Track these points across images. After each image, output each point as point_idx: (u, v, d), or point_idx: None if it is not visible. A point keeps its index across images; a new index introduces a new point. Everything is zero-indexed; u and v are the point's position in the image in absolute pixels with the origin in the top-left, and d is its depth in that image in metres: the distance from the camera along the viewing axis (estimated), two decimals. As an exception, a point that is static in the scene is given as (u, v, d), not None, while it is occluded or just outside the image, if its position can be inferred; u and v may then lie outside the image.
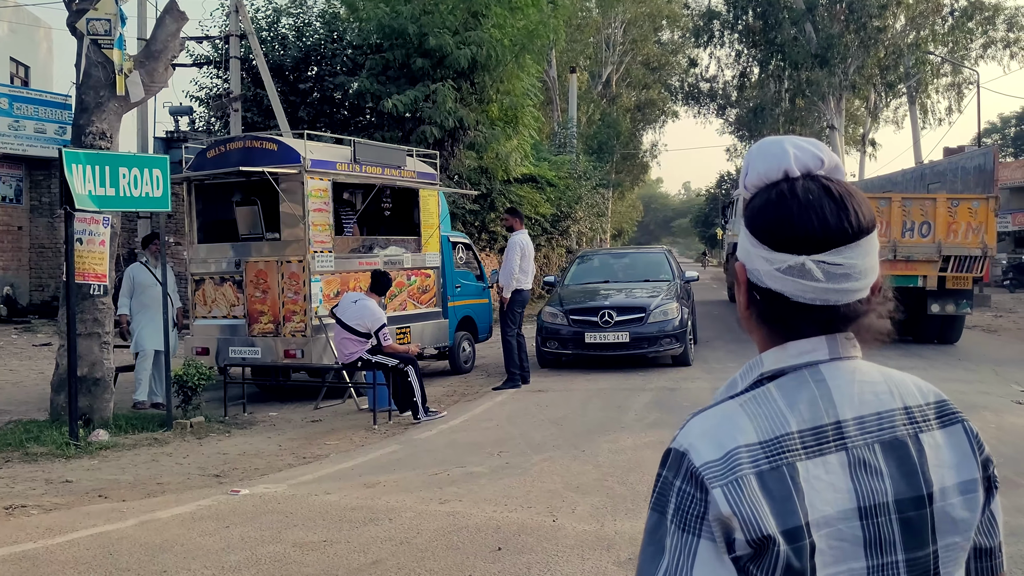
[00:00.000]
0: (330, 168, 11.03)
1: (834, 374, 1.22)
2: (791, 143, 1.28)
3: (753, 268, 1.26)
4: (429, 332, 12.65)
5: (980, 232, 14.17)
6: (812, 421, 1.19)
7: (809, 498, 1.14)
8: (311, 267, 10.56)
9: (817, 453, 1.17)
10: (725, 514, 1.13)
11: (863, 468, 1.18)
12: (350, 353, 9.47)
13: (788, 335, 1.24)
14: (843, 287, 1.21)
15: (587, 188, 31.84)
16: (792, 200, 1.23)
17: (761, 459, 1.16)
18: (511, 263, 11.40)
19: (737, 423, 1.19)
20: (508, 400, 10.41)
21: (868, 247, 1.23)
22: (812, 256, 1.20)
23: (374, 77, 19.98)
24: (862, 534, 1.16)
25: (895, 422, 1.21)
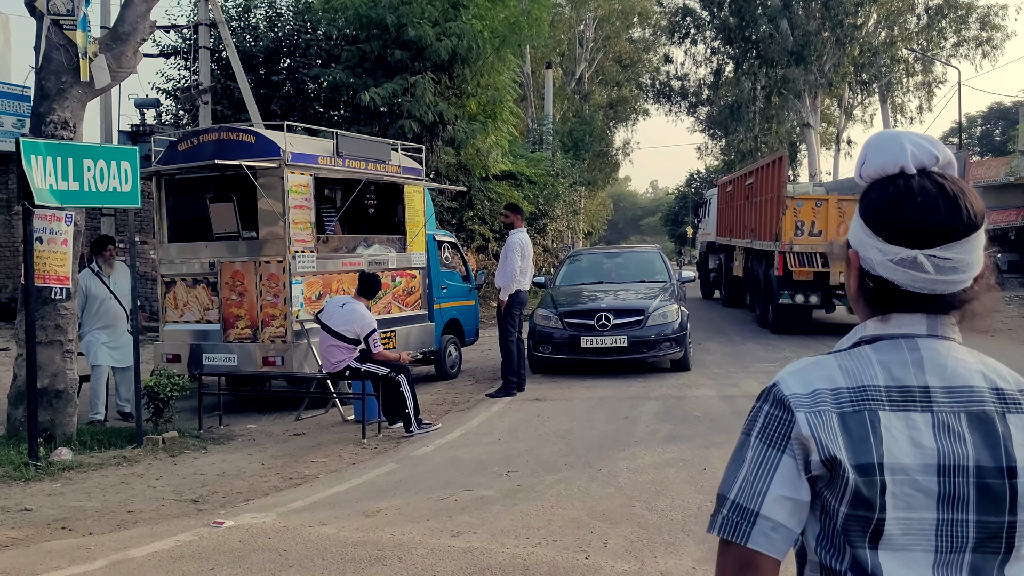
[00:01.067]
0: (311, 162, 10.29)
1: (929, 346, 1.36)
2: (908, 139, 1.39)
3: (866, 256, 1.40)
4: (415, 336, 11.96)
5: None
6: (900, 380, 1.34)
7: (887, 444, 1.30)
8: (291, 268, 9.83)
9: (901, 408, 1.33)
10: (805, 435, 1.32)
11: (946, 431, 1.32)
12: (337, 361, 8.76)
13: (888, 310, 1.39)
14: (951, 279, 1.35)
15: (564, 186, 31.24)
16: (908, 197, 1.36)
17: (845, 402, 1.33)
18: (511, 263, 10.73)
19: (828, 370, 1.37)
20: (505, 410, 9.75)
21: (976, 242, 1.36)
22: (924, 250, 1.34)
23: (350, 69, 19.21)
24: (937, 488, 1.30)
25: (984, 398, 1.34)
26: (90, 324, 9.44)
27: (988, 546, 1.32)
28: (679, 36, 46.21)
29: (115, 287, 9.49)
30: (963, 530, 1.31)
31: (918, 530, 1.31)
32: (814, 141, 42.14)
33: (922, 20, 42.63)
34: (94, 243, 10.08)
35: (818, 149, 42.91)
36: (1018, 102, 58.01)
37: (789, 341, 14.91)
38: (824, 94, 42.79)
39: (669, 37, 48.14)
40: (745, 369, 11.99)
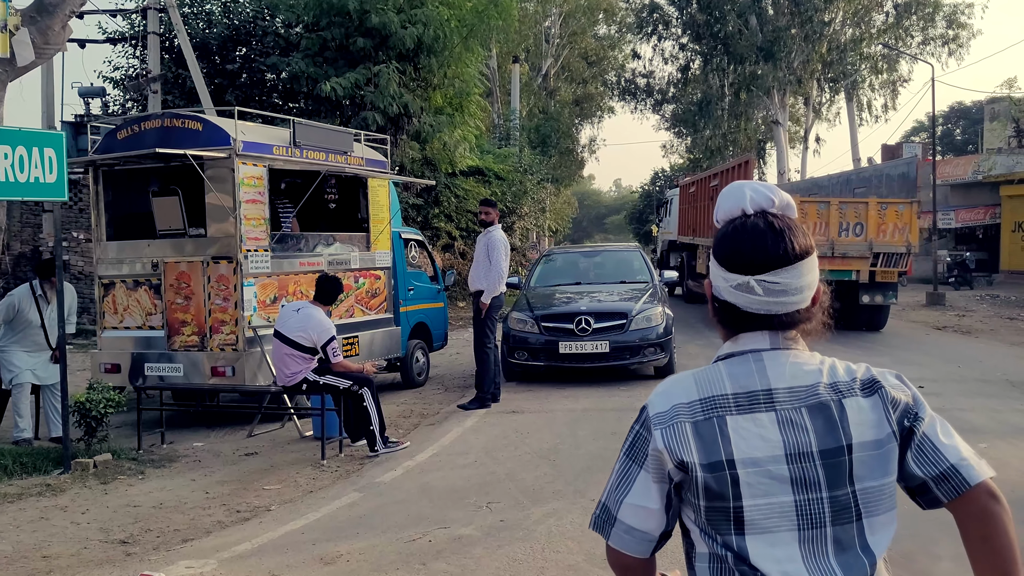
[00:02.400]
0: (265, 152, 9.35)
1: (772, 357, 1.63)
2: (750, 187, 1.69)
3: (715, 284, 1.70)
4: (379, 341, 11.06)
5: (905, 232, 15.95)
6: (746, 387, 1.61)
7: (735, 443, 1.56)
8: (243, 268, 8.89)
9: (748, 411, 1.59)
10: (660, 448, 1.59)
11: (790, 424, 1.58)
12: (292, 373, 7.84)
13: (739, 331, 1.67)
14: (780, 300, 1.63)
15: (532, 183, 30.43)
16: (742, 232, 1.65)
17: (698, 412, 1.60)
18: (500, 263, 9.86)
19: (686, 386, 1.64)
20: (480, 424, 8.88)
21: (804, 270, 1.63)
22: (755, 276, 1.62)
23: (310, 58, 18.25)
24: (789, 474, 1.55)
25: (820, 392, 1.60)
26: (9, 339, 8.42)
27: (842, 517, 1.55)
28: (647, 32, 45.61)
29: (49, 319, 8.37)
30: (819, 507, 1.55)
31: (779, 513, 1.55)
32: (783, 139, 41.75)
33: (890, 17, 42.38)
34: (40, 266, 8.96)
35: (787, 147, 42.53)
36: (980, 101, 58.32)
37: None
38: (792, 92, 42.40)
39: (636, 33, 47.56)
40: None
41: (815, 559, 1.54)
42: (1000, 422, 8.36)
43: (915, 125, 72.75)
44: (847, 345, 14.64)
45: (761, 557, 1.53)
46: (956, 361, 12.93)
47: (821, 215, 15.83)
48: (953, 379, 11.07)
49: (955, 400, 9.52)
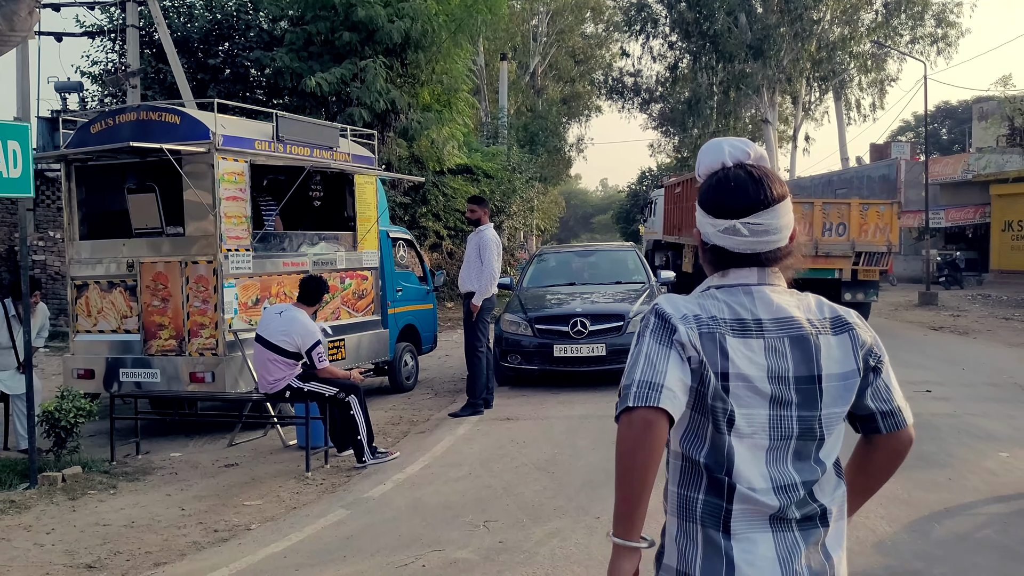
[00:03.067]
0: (247, 147, 8.91)
1: (759, 291, 1.88)
2: (727, 142, 1.94)
3: (704, 231, 1.93)
4: (367, 344, 10.63)
5: (886, 232, 16.47)
6: (739, 315, 1.84)
7: (732, 358, 1.80)
8: (223, 269, 8.45)
9: (741, 335, 1.82)
10: (683, 340, 1.78)
11: (774, 351, 1.82)
12: (275, 380, 7.39)
13: (727, 267, 1.91)
14: (764, 239, 1.87)
15: (521, 181, 30.01)
16: (725, 182, 1.90)
17: (703, 325, 1.81)
18: (491, 264, 9.43)
19: (689, 303, 1.86)
20: (473, 432, 8.46)
21: (781, 211, 1.89)
22: (740, 219, 1.86)
23: (294, 53, 17.79)
24: (769, 391, 1.81)
25: (801, 326, 1.85)
26: None
27: (806, 435, 1.83)
28: (635, 30, 45.28)
29: (21, 341, 7.82)
30: (789, 423, 1.82)
31: (757, 423, 1.81)
32: (772, 137, 41.48)
33: (879, 16, 42.18)
34: (13, 287, 8.45)
35: (776, 146, 42.30)
36: (966, 101, 58.29)
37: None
38: (782, 91, 42.17)
39: (624, 32, 47.27)
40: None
41: (776, 464, 1.81)
42: (1018, 428, 8.01)
43: (901, 125, 72.88)
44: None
45: (736, 457, 1.79)
46: (959, 363, 12.61)
47: (805, 215, 16.08)
48: (961, 383, 10.73)
49: (966, 405, 9.16)
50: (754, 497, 1.78)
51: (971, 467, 6.82)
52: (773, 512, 1.78)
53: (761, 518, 1.79)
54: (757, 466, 1.80)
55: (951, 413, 8.80)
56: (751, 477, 1.79)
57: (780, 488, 1.79)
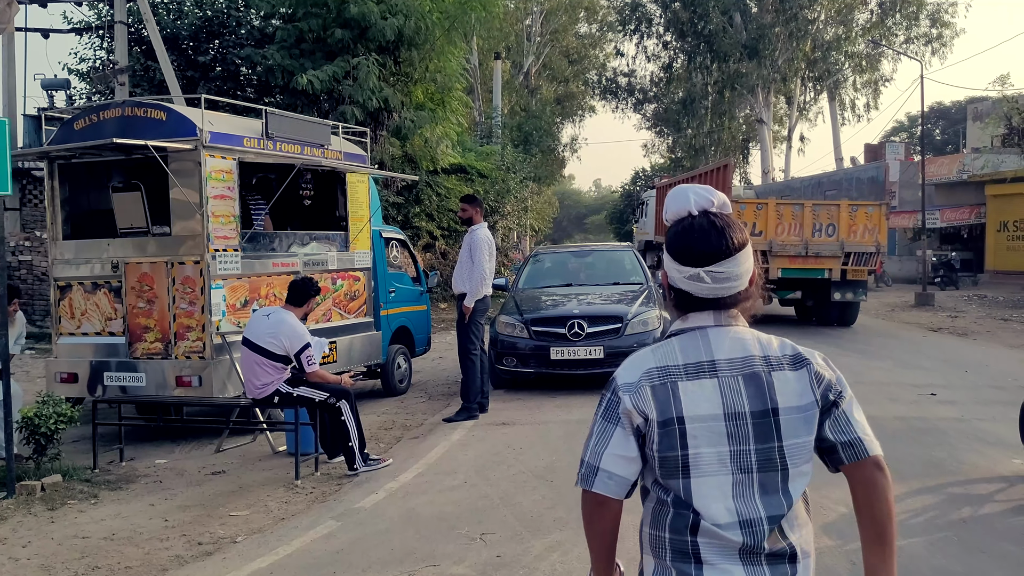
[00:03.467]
0: (235, 144, 8.65)
1: (715, 333, 1.98)
2: (692, 190, 2.05)
3: (671, 275, 2.04)
4: (359, 347, 10.38)
5: (875, 233, 16.84)
6: (694, 359, 1.95)
7: (685, 403, 1.90)
8: (211, 270, 8.19)
9: (695, 377, 1.93)
10: (628, 409, 1.92)
11: (729, 389, 1.92)
12: (263, 384, 7.14)
13: (687, 311, 2.02)
14: (724, 286, 1.98)
15: (515, 181, 29.78)
16: (690, 231, 1.99)
17: (656, 378, 1.93)
18: (482, 264, 9.19)
19: (646, 358, 1.98)
20: (468, 438, 8.22)
21: (741, 259, 1.99)
22: (703, 268, 1.97)
23: (285, 50, 17.51)
24: (726, 430, 1.90)
25: (755, 364, 1.93)
26: None
27: (767, 467, 1.89)
28: (629, 30, 45.09)
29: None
30: (748, 457, 1.89)
31: (717, 460, 1.89)
32: (767, 138, 41.36)
33: (874, 16, 42.04)
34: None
35: (771, 146, 42.15)
36: (960, 101, 58.22)
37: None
38: (776, 91, 42.01)
39: (619, 32, 47.06)
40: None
41: (743, 499, 1.87)
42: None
43: (895, 125, 72.77)
44: (847, 350, 14.10)
45: (700, 496, 1.87)
46: (961, 366, 12.42)
47: (796, 216, 16.76)
48: (965, 386, 10.53)
49: (973, 410, 8.96)
50: (718, 532, 1.87)
51: (983, 474, 6.60)
52: (739, 547, 1.87)
53: (730, 551, 1.87)
54: (723, 501, 1.88)
55: (959, 417, 8.60)
56: (715, 513, 1.88)
57: (745, 523, 1.87)
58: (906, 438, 7.77)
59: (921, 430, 7.89)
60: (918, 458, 7.07)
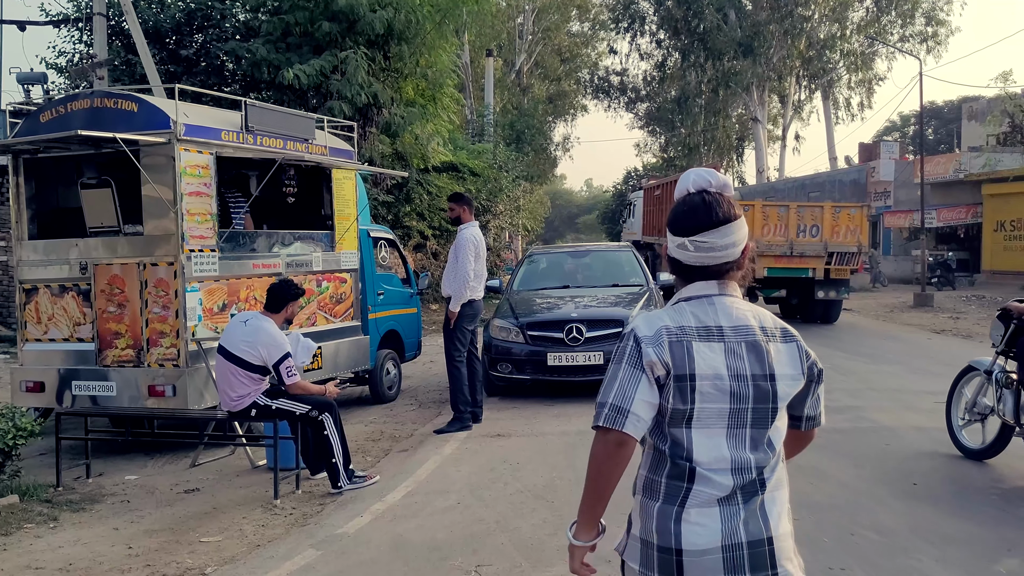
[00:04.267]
0: (213, 138, 8.12)
1: (720, 301, 2.20)
2: (694, 172, 2.28)
3: (669, 245, 2.27)
4: (345, 352, 9.86)
5: (856, 233, 17.67)
6: (703, 323, 2.16)
7: (697, 362, 2.11)
8: (186, 271, 7.66)
9: (706, 339, 2.14)
10: (652, 360, 2.10)
11: (733, 353, 2.14)
12: (239, 396, 6.60)
13: (691, 281, 2.24)
14: (709, 255, 2.20)
15: (507, 180, 29.23)
16: (682, 206, 2.24)
17: (674, 335, 2.13)
18: (464, 266, 8.68)
19: (663, 317, 2.18)
20: (461, 452, 7.69)
21: (726, 232, 2.19)
22: (688, 238, 2.21)
23: (272, 44, 16.96)
24: (729, 388, 2.12)
25: (755, 333, 2.17)
26: None
27: (759, 424, 2.15)
28: (622, 28, 44.63)
29: None
30: (745, 415, 2.14)
31: (717, 414, 2.12)
32: (762, 136, 40.93)
33: (869, 13, 41.64)
34: None
35: (766, 144, 41.73)
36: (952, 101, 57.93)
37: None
38: (771, 89, 41.57)
39: (611, 30, 46.61)
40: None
41: (735, 448, 2.14)
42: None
43: (887, 125, 72.50)
44: (853, 354, 13.64)
45: (699, 444, 2.12)
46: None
47: (781, 218, 17.66)
48: None
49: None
50: (711, 478, 2.09)
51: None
52: (728, 491, 2.10)
53: (716, 495, 2.10)
54: (718, 450, 2.11)
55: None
56: (710, 460, 2.10)
57: (737, 469, 2.11)
58: (930, 452, 7.28)
59: (943, 442, 7.40)
60: (947, 476, 6.58)
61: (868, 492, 6.12)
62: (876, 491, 6.14)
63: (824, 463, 6.68)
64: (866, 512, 5.62)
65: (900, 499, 5.94)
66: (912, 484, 6.32)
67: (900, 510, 5.68)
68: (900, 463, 6.93)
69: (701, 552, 2.07)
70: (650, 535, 2.13)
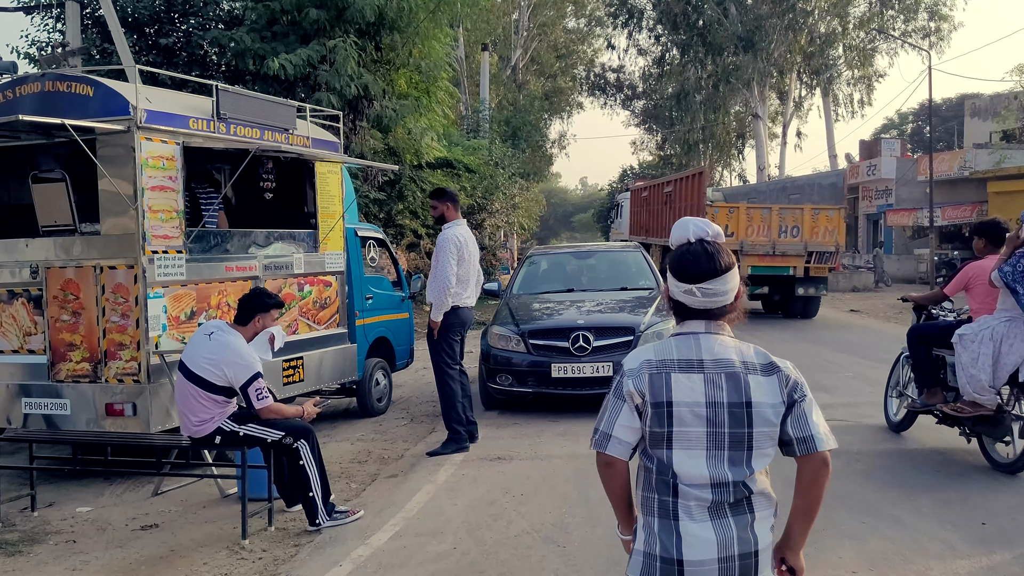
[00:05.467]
0: (179, 126, 7.26)
1: (705, 339, 2.47)
2: (692, 222, 2.57)
3: (671, 289, 2.53)
4: (330, 363, 9.01)
5: (834, 234, 18.93)
6: (686, 356, 2.45)
7: (675, 390, 2.40)
8: (147, 275, 6.80)
9: (686, 371, 2.42)
10: (631, 391, 2.45)
11: (712, 383, 2.40)
12: (201, 421, 5.73)
13: (688, 319, 2.52)
14: (712, 300, 2.48)
15: (504, 177, 28.34)
16: (687, 255, 2.51)
17: (654, 368, 2.44)
18: (444, 270, 7.76)
19: (648, 352, 2.50)
20: (457, 480, 6.83)
21: (727, 279, 2.49)
22: (696, 285, 2.47)
23: (256, 32, 16.06)
24: (705, 414, 2.39)
25: (735, 366, 2.43)
26: None
27: (737, 447, 2.39)
28: (620, 23, 43.79)
29: None
30: (722, 438, 2.39)
31: (696, 437, 2.39)
32: (763, 133, 40.14)
33: (871, 8, 40.87)
34: None
35: (766, 141, 40.94)
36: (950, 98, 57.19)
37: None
38: (772, 85, 40.76)
39: (610, 24, 45.80)
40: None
41: (713, 467, 2.38)
42: None
43: (885, 123, 71.78)
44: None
45: (680, 463, 2.40)
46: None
47: (764, 219, 18.91)
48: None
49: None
50: (693, 492, 2.39)
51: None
52: (709, 503, 2.39)
53: (702, 507, 2.39)
54: (697, 468, 2.39)
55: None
56: (691, 476, 2.40)
57: (715, 485, 2.39)
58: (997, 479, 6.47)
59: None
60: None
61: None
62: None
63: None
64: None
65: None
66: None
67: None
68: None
69: (700, 563, 2.36)
70: (652, 548, 2.42)
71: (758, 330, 16.44)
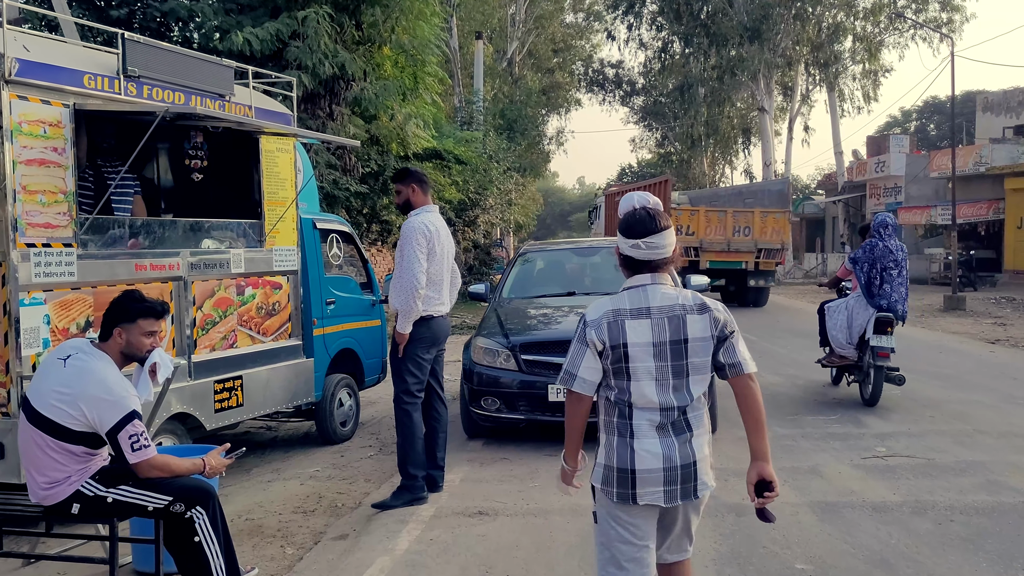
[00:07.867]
0: (70, 83, 5.63)
1: (652, 289, 3.03)
2: (636, 195, 3.18)
3: (620, 246, 3.13)
4: (279, 383, 7.38)
5: (780, 233, 22.75)
6: (636, 305, 3.01)
7: (628, 334, 2.97)
8: (20, 275, 5.18)
9: (636, 317, 2.98)
10: (592, 338, 3.00)
11: (658, 326, 2.97)
12: (51, 483, 4.06)
13: (636, 272, 3.08)
14: (655, 252, 3.04)
15: (498, 171, 26.69)
16: (633, 217, 3.10)
17: (611, 316, 3.00)
18: (411, 266, 6.03)
19: (606, 303, 3.06)
20: (422, 545, 5.16)
21: (665, 235, 3.07)
22: (641, 239, 3.04)
23: (220, 3, 14.39)
24: (652, 351, 2.97)
25: (676, 309, 3.00)
26: None
27: (678, 376, 2.98)
28: (619, 13, 42.16)
29: None
30: (666, 370, 2.98)
31: (647, 371, 2.96)
32: (768, 127, 38.54)
33: (882, -1, 39.31)
34: None
35: (772, 135, 39.34)
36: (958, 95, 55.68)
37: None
38: (779, 78, 39.13)
39: (608, 17, 44.20)
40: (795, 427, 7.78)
41: (660, 394, 2.98)
42: None
43: (888, 120, 70.32)
44: (926, 375, 11.15)
45: (635, 391, 2.98)
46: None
47: (721, 220, 22.30)
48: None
49: None
50: (645, 414, 2.98)
51: None
52: (657, 424, 2.98)
53: (651, 427, 2.98)
54: (649, 395, 2.97)
55: None
56: (644, 402, 2.98)
57: (663, 409, 2.99)
58: None
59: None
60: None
61: None
62: None
63: None
64: None
65: None
66: None
67: None
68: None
69: (648, 471, 2.97)
70: (611, 461, 3.03)
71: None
